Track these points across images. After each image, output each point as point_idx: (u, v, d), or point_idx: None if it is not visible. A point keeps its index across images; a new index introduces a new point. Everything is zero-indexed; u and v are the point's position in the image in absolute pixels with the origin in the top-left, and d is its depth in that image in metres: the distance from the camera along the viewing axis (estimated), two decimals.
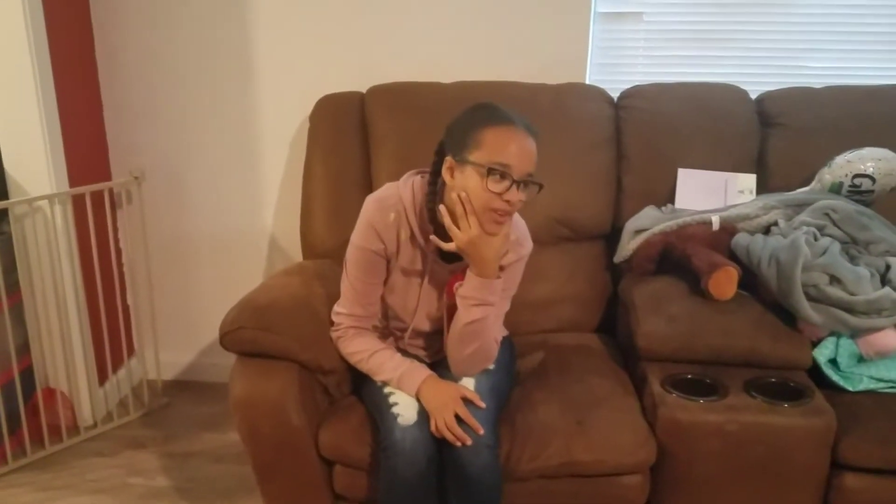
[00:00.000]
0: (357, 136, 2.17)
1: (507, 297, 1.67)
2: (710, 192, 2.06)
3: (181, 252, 2.58)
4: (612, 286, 2.11)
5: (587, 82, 2.33)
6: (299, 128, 2.40)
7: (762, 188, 2.09)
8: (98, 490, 2.10)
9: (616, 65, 2.37)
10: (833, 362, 1.74)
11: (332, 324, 1.69)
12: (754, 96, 2.19)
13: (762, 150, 2.13)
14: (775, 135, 2.13)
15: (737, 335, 1.71)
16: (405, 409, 1.54)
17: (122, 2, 2.34)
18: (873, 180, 1.90)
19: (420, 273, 1.64)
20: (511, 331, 1.86)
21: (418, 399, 1.56)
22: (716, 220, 1.94)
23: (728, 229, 1.94)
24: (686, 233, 1.93)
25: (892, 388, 1.72)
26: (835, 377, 1.72)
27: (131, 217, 2.50)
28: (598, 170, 2.12)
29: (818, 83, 2.20)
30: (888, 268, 1.75)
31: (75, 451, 2.28)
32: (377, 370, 1.62)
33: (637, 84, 2.22)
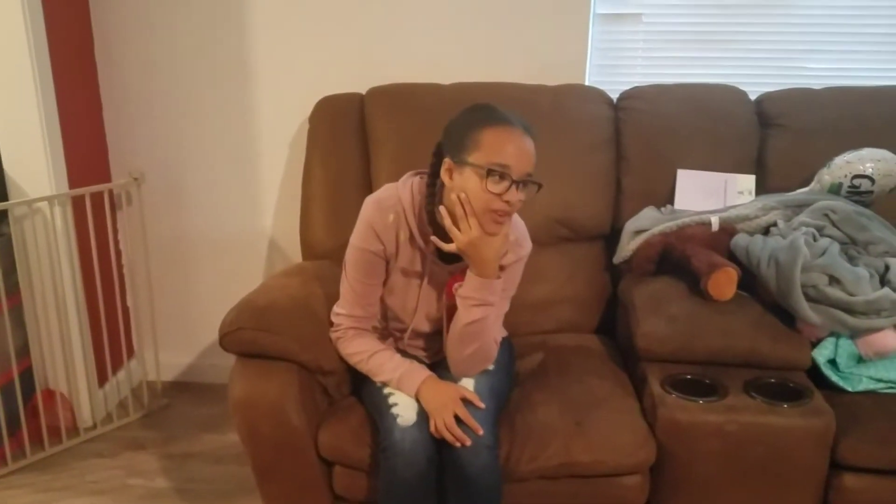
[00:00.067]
0: (356, 137, 2.17)
1: (506, 298, 1.67)
2: (709, 193, 2.06)
3: (181, 253, 2.58)
4: (612, 287, 2.11)
5: (586, 83, 2.34)
6: (299, 129, 2.40)
7: (761, 189, 2.09)
8: (98, 491, 2.10)
9: (615, 66, 2.37)
10: (832, 363, 1.74)
11: (331, 325, 1.69)
12: (754, 97, 2.19)
13: (761, 150, 2.14)
14: (774, 136, 2.13)
15: (736, 336, 1.71)
16: (405, 410, 1.54)
17: (122, 3, 2.34)
18: (872, 181, 1.90)
19: (419, 274, 1.64)
20: (510, 331, 1.85)
21: (418, 400, 1.56)
22: (715, 220, 1.94)
23: (727, 230, 1.94)
24: (685, 233, 1.93)
25: (892, 388, 1.72)
26: (834, 378, 1.72)
27: (131, 218, 2.50)
28: (598, 171, 2.12)
29: (817, 84, 2.20)
30: (887, 268, 1.75)
31: (75, 453, 2.28)
32: (377, 371, 1.62)
33: (636, 85, 2.22)
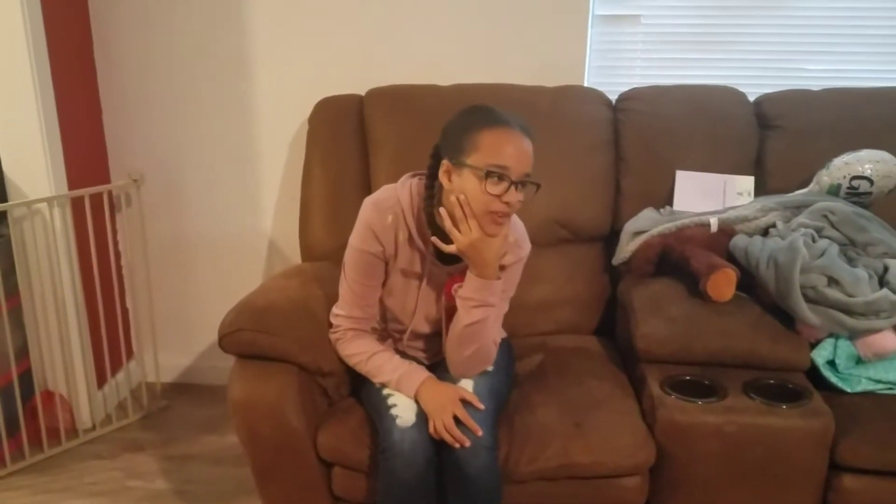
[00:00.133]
0: (356, 138, 2.17)
1: (505, 299, 1.67)
2: (708, 194, 2.06)
3: (180, 255, 2.58)
4: (611, 288, 2.11)
5: (585, 85, 2.34)
6: (298, 130, 2.40)
7: (760, 190, 2.09)
8: (97, 493, 2.09)
9: (614, 67, 2.37)
10: (831, 364, 1.74)
11: (330, 326, 1.69)
12: (752, 99, 2.19)
13: (760, 152, 2.14)
14: (773, 137, 2.13)
15: (735, 337, 1.71)
16: (404, 411, 1.54)
17: (121, 3, 2.34)
18: (871, 182, 1.90)
19: (418, 275, 1.64)
20: (510, 333, 1.86)
21: (417, 401, 1.56)
22: (714, 221, 1.94)
23: (726, 231, 1.94)
24: (684, 235, 1.93)
25: (891, 389, 1.72)
26: (833, 379, 1.72)
27: (130, 220, 2.50)
28: (597, 172, 2.13)
29: (816, 85, 2.21)
30: (886, 269, 1.75)
31: (74, 454, 2.28)
32: (376, 372, 1.62)
33: (635, 86, 2.22)
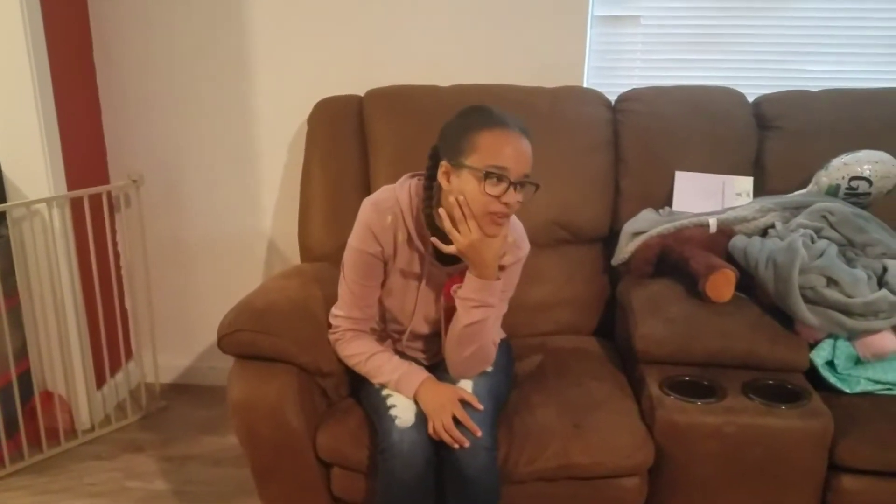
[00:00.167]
0: (355, 139, 2.17)
1: (504, 300, 1.67)
2: (707, 195, 2.06)
3: (179, 255, 2.58)
4: (610, 289, 2.12)
5: (585, 86, 2.34)
6: (297, 131, 2.40)
7: (759, 191, 2.09)
8: (96, 494, 2.09)
9: (613, 68, 2.38)
10: (830, 364, 1.74)
11: (329, 326, 1.69)
12: (751, 99, 2.19)
13: (759, 152, 2.14)
14: (772, 137, 2.13)
15: (734, 337, 1.71)
16: (403, 412, 1.54)
17: (121, 3, 2.35)
18: (870, 183, 1.90)
19: (417, 275, 1.64)
20: (509, 333, 1.86)
21: (416, 401, 1.56)
22: (713, 222, 1.94)
23: (725, 232, 1.94)
24: (683, 235, 1.94)
25: (890, 390, 1.72)
26: (832, 379, 1.72)
27: (129, 220, 2.50)
28: (596, 173, 2.13)
29: (815, 86, 2.21)
30: (885, 270, 1.75)
31: (73, 455, 2.27)
32: (375, 373, 1.62)
33: (634, 87, 2.22)
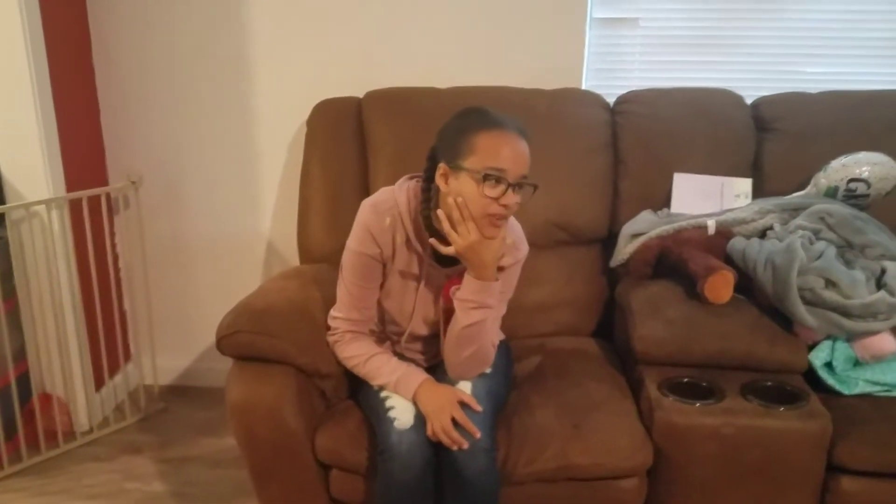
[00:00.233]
0: (354, 140, 2.17)
1: (503, 301, 1.67)
2: (706, 197, 2.07)
3: (178, 257, 2.58)
4: (609, 290, 2.12)
5: (583, 88, 2.34)
6: (297, 132, 2.40)
7: (758, 192, 2.09)
8: (94, 495, 2.09)
9: (612, 70, 2.38)
10: (829, 366, 1.74)
11: (328, 328, 1.69)
12: (750, 101, 2.19)
13: (758, 154, 2.14)
14: (771, 139, 2.13)
15: (733, 339, 1.72)
16: (402, 413, 1.54)
17: (120, 4, 2.35)
18: (868, 185, 1.90)
19: (416, 277, 1.64)
20: (508, 335, 1.86)
21: (415, 403, 1.56)
22: (712, 224, 1.94)
23: (724, 233, 1.94)
24: (682, 237, 1.94)
25: (888, 391, 1.72)
26: (831, 381, 1.72)
27: (128, 222, 2.50)
28: (595, 174, 2.13)
29: (814, 88, 2.21)
30: (883, 271, 1.75)
31: (72, 457, 2.27)
32: (374, 374, 1.62)
33: (633, 89, 2.22)
